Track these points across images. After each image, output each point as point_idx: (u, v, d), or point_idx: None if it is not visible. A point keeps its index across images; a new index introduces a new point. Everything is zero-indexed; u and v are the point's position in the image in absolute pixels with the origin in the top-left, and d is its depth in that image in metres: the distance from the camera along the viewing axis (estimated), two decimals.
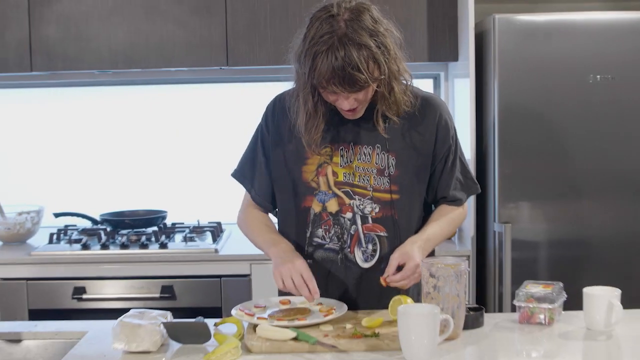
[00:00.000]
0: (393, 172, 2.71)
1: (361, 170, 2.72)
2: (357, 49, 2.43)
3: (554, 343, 2.51)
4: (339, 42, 2.43)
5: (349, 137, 2.72)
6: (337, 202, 2.74)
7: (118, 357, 2.44)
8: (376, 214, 2.73)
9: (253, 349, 2.43)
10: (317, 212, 2.76)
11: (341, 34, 2.44)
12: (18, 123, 4.87)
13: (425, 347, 2.31)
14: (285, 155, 2.79)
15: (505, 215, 3.95)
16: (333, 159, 2.73)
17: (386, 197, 2.72)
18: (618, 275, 3.89)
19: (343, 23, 2.46)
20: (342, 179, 2.73)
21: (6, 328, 2.80)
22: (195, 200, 4.81)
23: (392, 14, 4.05)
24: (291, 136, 2.76)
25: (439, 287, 2.49)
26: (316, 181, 2.75)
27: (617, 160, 3.94)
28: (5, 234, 4.37)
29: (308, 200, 2.77)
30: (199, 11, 4.30)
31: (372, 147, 2.71)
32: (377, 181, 2.71)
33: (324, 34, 2.46)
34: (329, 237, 2.76)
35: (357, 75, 2.44)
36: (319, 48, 2.45)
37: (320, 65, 2.45)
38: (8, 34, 4.32)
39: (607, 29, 3.92)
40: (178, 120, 4.85)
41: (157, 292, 4.05)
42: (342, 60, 2.42)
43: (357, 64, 2.43)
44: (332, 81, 2.46)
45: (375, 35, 2.49)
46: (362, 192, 2.72)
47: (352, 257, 2.76)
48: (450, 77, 4.63)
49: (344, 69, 2.43)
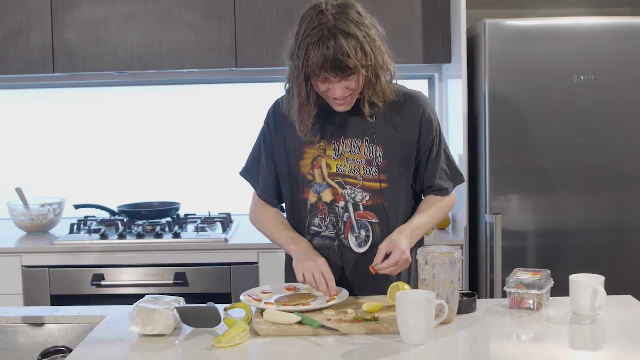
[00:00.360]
0: (381, 163, 2.72)
1: (351, 161, 2.73)
2: (346, 38, 2.49)
3: (542, 327, 2.50)
4: (329, 33, 2.49)
5: (340, 131, 2.74)
6: (331, 192, 2.75)
7: (134, 340, 2.43)
8: (367, 202, 2.74)
9: (261, 333, 2.42)
10: (314, 202, 2.78)
11: (331, 26, 2.50)
12: (42, 121, 4.86)
13: (422, 330, 2.31)
14: (287, 152, 2.81)
15: (496, 207, 3.93)
16: (326, 153, 2.75)
17: (376, 186, 2.73)
18: (602, 263, 3.87)
19: (332, 17, 2.52)
20: (335, 171, 2.74)
21: (30, 313, 2.80)
22: (207, 193, 4.80)
23: (389, 19, 4.06)
24: (290, 134, 2.78)
25: (435, 274, 2.48)
26: (312, 174, 2.77)
27: (600, 156, 3.92)
28: (29, 224, 4.36)
29: (306, 193, 2.79)
30: (209, 16, 4.28)
31: (361, 140, 2.73)
32: (366, 171, 2.73)
33: (315, 27, 2.52)
34: (325, 225, 2.78)
35: (347, 61, 2.48)
36: (311, 40, 2.51)
37: (313, 55, 2.50)
38: (32, 38, 4.30)
39: (591, 33, 3.90)
40: (190, 118, 4.84)
41: (171, 279, 4.04)
42: (333, 48, 2.48)
43: (347, 51, 2.48)
44: (325, 68, 2.50)
45: (361, 27, 2.54)
46: (353, 182, 2.73)
47: (347, 243, 2.77)
48: (444, 78, 4.61)
49: (335, 57, 2.48)
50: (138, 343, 2.40)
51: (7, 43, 4.31)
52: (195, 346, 2.36)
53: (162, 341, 2.41)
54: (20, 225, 4.38)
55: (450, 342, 2.37)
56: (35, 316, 2.75)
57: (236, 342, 2.34)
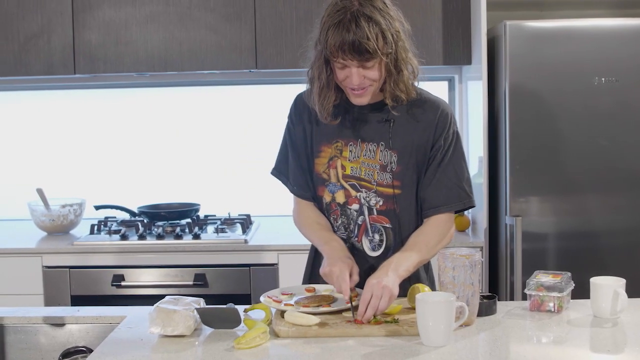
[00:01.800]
0: (395, 169, 2.69)
1: (366, 165, 2.71)
2: (367, 22, 2.46)
3: (563, 329, 2.49)
4: (351, 15, 2.47)
5: (358, 133, 2.72)
6: (344, 194, 2.74)
7: (154, 340, 2.44)
8: (380, 206, 2.72)
9: (280, 334, 2.42)
10: (328, 201, 2.78)
11: (354, 10, 2.48)
12: (62, 122, 4.88)
13: (442, 332, 2.30)
14: (306, 149, 2.80)
15: (516, 209, 3.92)
16: (343, 153, 2.73)
17: (389, 191, 2.70)
18: (623, 266, 3.86)
19: (357, 2, 2.50)
20: (349, 172, 2.72)
21: (50, 313, 2.81)
22: (226, 194, 4.81)
23: (409, 20, 4.04)
24: (309, 129, 2.78)
25: (455, 276, 2.47)
26: (327, 173, 2.76)
27: (620, 157, 3.91)
28: (50, 225, 4.38)
29: (320, 190, 2.79)
30: (229, 18, 4.29)
31: (377, 145, 2.70)
32: (380, 176, 2.70)
33: (338, 9, 2.50)
34: (337, 226, 2.78)
35: (366, 43, 2.46)
36: (332, 21, 2.49)
37: (332, 36, 2.49)
38: (53, 40, 4.33)
39: (612, 34, 3.88)
40: (210, 119, 4.85)
41: (191, 279, 4.05)
42: (353, 31, 2.45)
43: (366, 33, 2.45)
44: (343, 49, 2.48)
45: (385, 16, 2.52)
46: (367, 185, 2.72)
47: (360, 246, 2.76)
48: (464, 79, 4.60)
49: (354, 39, 2.45)
50: (158, 344, 2.41)
51: (28, 44, 4.33)
52: (215, 347, 2.36)
53: (182, 342, 2.41)
54: (41, 225, 4.40)
55: (470, 345, 2.36)
56: (56, 316, 2.76)
57: (256, 343, 2.35)
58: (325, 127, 2.74)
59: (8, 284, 4.09)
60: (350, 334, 2.40)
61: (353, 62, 2.51)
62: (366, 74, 2.54)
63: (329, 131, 2.74)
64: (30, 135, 4.90)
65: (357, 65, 2.51)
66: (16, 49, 4.34)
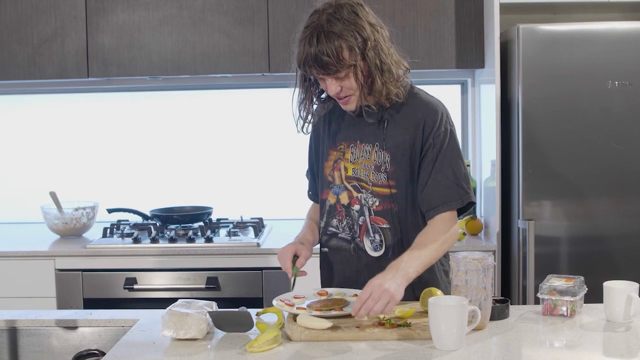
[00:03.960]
0: (389, 169, 2.73)
1: (363, 166, 2.77)
2: (328, 38, 2.55)
3: (576, 334, 2.48)
4: (314, 31, 2.57)
5: (357, 135, 2.79)
6: (347, 195, 2.79)
7: (167, 343, 2.44)
8: (377, 207, 2.75)
9: (293, 337, 2.42)
10: (332, 203, 2.83)
11: (317, 25, 2.57)
12: (76, 125, 4.90)
13: (454, 336, 2.30)
14: (318, 154, 2.91)
15: (529, 213, 3.91)
16: (345, 155, 2.80)
17: (385, 191, 2.74)
18: (636, 270, 3.85)
19: (325, 16, 2.59)
20: (351, 174, 2.78)
21: (63, 316, 2.82)
22: (239, 198, 4.81)
23: (422, 24, 4.05)
24: (323, 135, 2.88)
25: (467, 280, 2.47)
26: (332, 175, 2.83)
27: (634, 161, 3.89)
28: (63, 228, 4.39)
29: (325, 193, 2.86)
30: (242, 22, 4.30)
31: (372, 145, 2.75)
32: (375, 177, 2.74)
33: (306, 26, 2.62)
34: (342, 227, 2.82)
35: (326, 59, 2.54)
36: (300, 38, 2.62)
37: (298, 53, 2.63)
38: (67, 43, 4.34)
39: (625, 38, 3.87)
40: (223, 123, 4.86)
41: (203, 283, 4.05)
42: (315, 46, 2.55)
43: (326, 50, 2.54)
44: (309, 64, 2.59)
45: (352, 26, 2.57)
46: (365, 186, 2.77)
47: (362, 246, 2.80)
48: (477, 83, 4.60)
49: (316, 54, 2.56)
50: (170, 347, 2.41)
51: (42, 48, 4.35)
52: (227, 350, 2.37)
53: (194, 345, 2.42)
54: (54, 228, 4.42)
55: (483, 349, 2.36)
56: (69, 319, 2.77)
57: (268, 346, 2.35)
58: (332, 130, 2.83)
59: (21, 287, 4.10)
60: (363, 338, 2.40)
61: (322, 76, 2.62)
62: (342, 84, 2.62)
63: (335, 134, 2.83)
64: (43, 139, 4.91)
65: (329, 77, 2.61)
66: (30, 52, 4.36)
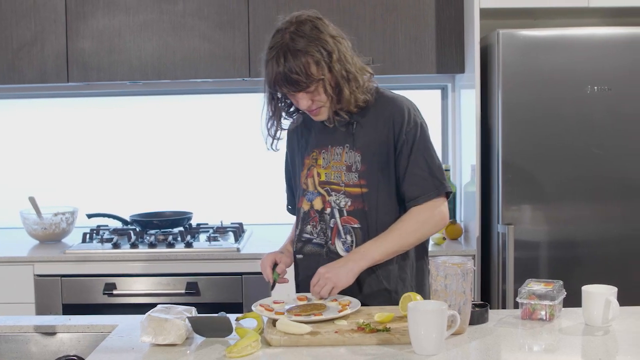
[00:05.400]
0: (360, 168, 2.77)
1: (335, 168, 2.81)
2: (295, 56, 2.62)
3: (555, 338, 2.49)
4: (280, 51, 2.63)
5: (327, 140, 2.84)
6: (321, 200, 2.84)
7: (146, 349, 2.44)
8: (349, 207, 2.79)
9: (272, 343, 2.42)
10: (306, 210, 2.87)
11: (283, 44, 2.64)
12: (55, 130, 4.88)
13: (434, 341, 2.30)
14: (294, 166, 2.97)
15: (509, 217, 3.93)
16: (317, 162, 2.85)
17: (357, 191, 2.78)
18: (614, 274, 3.86)
19: (288, 35, 2.65)
20: (323, 179, 2.83)
21: (42, 321, 2.81)
22: (219, 203, 4.81)
23: (403, 29, 4.08)
24: (296, 147, 2.94)
25: (447, 284, 2.47)
26: (306, 183, 2.87)
27: (613, 166, 3.91)
28: (42, 233, 4.38)
29: (300, 201, 2.90)
30: (223, 26, 4.30)
31: (342, 147, 2.81)
32: (347, 177, 2.79)
33: (271, 46, 2.68)
34: (316, 232, 2.85)
35: (296, 77, 2.61)
36: (267, 58, 2.68)
37: (267, 73, 2.68)
38: (47, 48, 4.33)
39: (604, 43, 3.89)
40: (203, 128, 4.85)
41: (183, 288, 4.04)
42: (282, 65, 2.62)
43: (294, 68, 2.61)
44: (279, 83, 2.65)
45: (315, 42, 2.65)
46: (337, 188, 2.81)
47: (334, 249, 2.82)
48: (457, 88, 4.61)
49: (285, 73, 2.62)
50: (149, 352, 2.41)
51: (21, 52, 4.33)
52: (206, 356, 2.36)
53: (173, 351, 2.41)
54: (33, 234, 4.40)
55: (462, 353, 2.36)
56: (47, 325, 2.76)
57: (248, 352, 2.35)
58: (305, 140, 2.89)
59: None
60: (342, 343, 2.40)
61: (292, 93, 2.67)
62: (312, 97, 2.69)
63: (309, 143, 2.88)
64: (22, 144, 4.89)
65: (299, 93, 2.67)
66: (9, 56, 4.34)
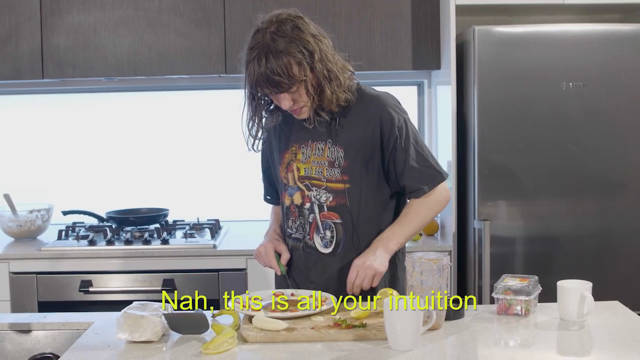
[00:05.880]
0: (343, 163, 2.78)
1: (316, 163, 2.82)
2: (277, 57, 2.60)
3: (530, 332, 2.50)
4: (261, 52, 2.61)
5: (308, 135, 2.83)
6: (300, 195, 2.85)
7: (122, 346, 2.43)
8: (330, 202, 2.80)
9: (248, 339, 2.42)
10: (287, 205, 2.89)
11: (264, 45, 2.62)
12: (30, 127, 4.85)
13: (410, 336, 2.31)
14: (273, 160, 2.96)
15: (485, 213, 3.94)
16: (297, 156, 2.85)
17: (339, 186, 2.79)
18: (589, 269, 3.89)
19: (269, 35, 2.63)
20: (303, 174, 2.84)
21: (17, 319, 2.79)
22: (195, 199, 4.80)
23: (379, 26, 4.08)
24: (275, 142, 2.93)
25: (422, 280, 2.49)
26: (286, 177, 2.88)
27: (588, 162, 3.93)
28: (17, 230, 4.35)
29: (283, 196, 2.92)
30: (198, 23, 4.29)
31: (325, 142, 2.81)
32: (329, 172, 2.80)
33: (252, 47, 2.65)
34: (295, 227, 2.88)
35: (277, 78, 2.60)
36: (248, 59, 2.66)
37: (249, 73, 2.66)
38: (22, 44, 4.30)
39: (579, 40, 3.91)
40: (179, 125, 4.84)
41: (159, 285, 4.03)
42: (264, 66, 2.60)
43: (276, 69, 2.59)
44: (260, 84, 2.64)
45: (296, 42, 2.63)
46: (317, 183, 2.82)
47: (312, 244, 2.85)
48: (433, 84, 4.62)
49: (266, 74, 2.60)
50: (125, 349, 2.40)
51: None
52: (182, 352, 2.36)
53: (149, 347, 2.40)
54: (8, 231, 4.37)
55: (438, 348, 2.37)
56: (23, 322, 2.74)
57: (224, 348, 2.34)
58: (284, 135, 2.88)
59: None
60: (319, 339, 2.40)
61: (275, 94, 2.66)
62: (294, 97, 2.69)
63: (287, 138, 2.88)
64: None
65: (281, 94, 2.66)
66: None
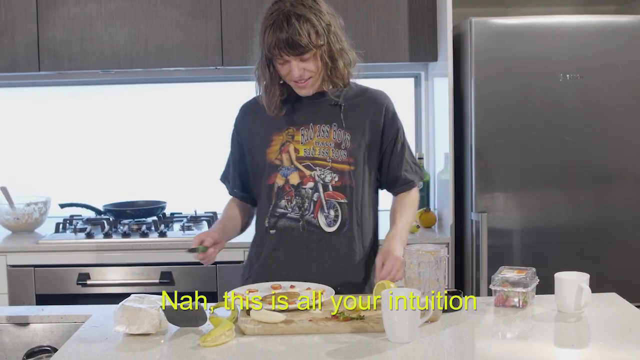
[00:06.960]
0: (349, 146, 2.85)
1: (320, 144, 2.86)
2: (298, 19, 2.69)
3: (528, 324, 2.50)
4: (283, 16, 2.70)
5: (309, 118, 2.89)
6: (298, 175, 2.87)
7: (119, 339, 2.42)
8: (336, 182, 2.85)
9: (246, 331, 2.42)
10: (281, 185, 2.90)
11: (286, 10, 2.71)
12: (26, 120, 4.85)
13: (407, 328, 2.31)
14: (254, 146, 2.96)
15: (482, 205, 3.94)
16: (295, 138, 2.89)
17: (345, 167, 2.85)
18: (587, 261, 3.90)
19: (288, 3, 2.73)
20: (302, 154, 2.87)
21: (14, 312, 2.78)
22: (193, 192, 4.79)
23: (375, 17, 4.08)
24: (258, 127, 2.96)
25: (420, 272, 2.48)
26: (280, 158, 2.89)
27: (585, 154, 3.94)
28: (15, 223, 4.35)
29: (272, 178, 2.91)
30: (195, 15, 4.28)
31: (330, 125, 2.87)
32: (335, 153, 2.85)
33: (272, 12, 2.74)
34: (291, 207, 2.89)
35: (299, 39, 2.68)
36: (268, 23, 2.73)
37: (268, 36, 2.72)
38: (18, 36, 4.29)
39: (576, 31, 3.91)
40: (176, 117, 4.83)
41: (157, 277, 4.04)
42: (286, 30, 2.68)
43: (297, 30, 2.68)
44: (279, 47, 2.70)
45: (316, 12, 2.74)
46: (322, 163, 2.86)
47: (316, 222, 2.87)
48: (430, 76, 4.62)
49: (288, 36, 2.68)
50: (123, 342, 2.40)
51: None
52: (180, 345, 2.36)
53: (147, 340, 2.40)
54: (5, 224, 4.37)
55: (436, 340, 2.37)
56: (20, 315, 2.74)
57: (222, 341, 2.34)
58: (275, 119, 2.90)
59: None
60: (316, 331, 2.40)
61: (291, 57, 2.71)
62: (305, 66, 2.74)
63: (280, 121, 2.90)
64: None
65: (295, 59, 2.71)
66: None
